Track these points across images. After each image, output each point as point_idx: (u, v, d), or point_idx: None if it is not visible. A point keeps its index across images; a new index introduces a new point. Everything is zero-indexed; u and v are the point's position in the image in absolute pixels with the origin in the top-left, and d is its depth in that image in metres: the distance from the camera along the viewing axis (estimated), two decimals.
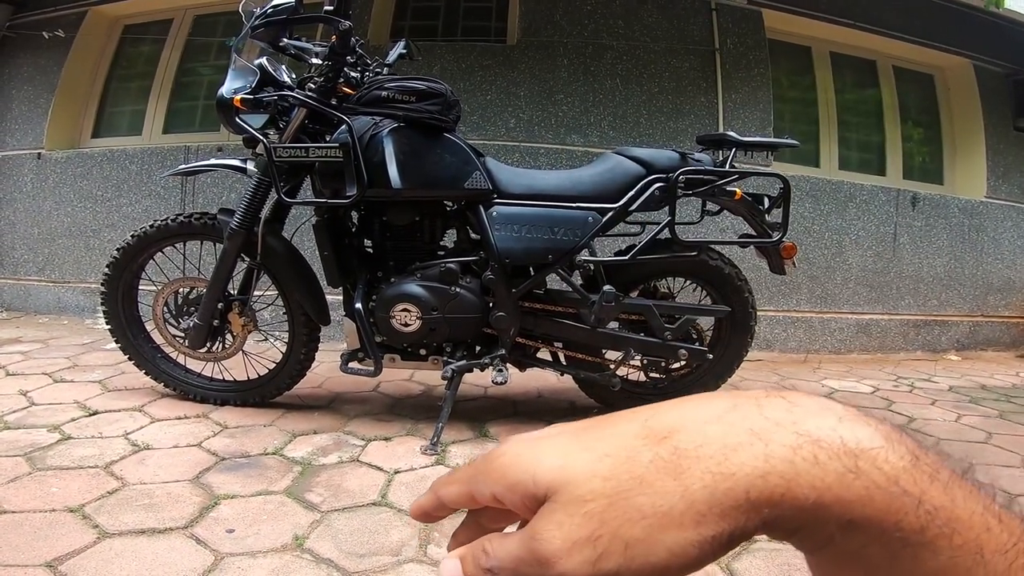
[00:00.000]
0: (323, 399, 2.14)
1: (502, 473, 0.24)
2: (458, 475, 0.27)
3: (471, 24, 3.52)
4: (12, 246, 3.49)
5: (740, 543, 0.22)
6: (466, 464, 0.27)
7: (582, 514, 0.21)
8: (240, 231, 1.83)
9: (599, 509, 0.21)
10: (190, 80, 3.61)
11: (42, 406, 1.90)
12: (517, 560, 0.22)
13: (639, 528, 0.21)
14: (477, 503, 0.26)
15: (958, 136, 3.80)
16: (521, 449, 0.25)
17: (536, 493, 0.23)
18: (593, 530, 0.21)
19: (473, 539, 0.25)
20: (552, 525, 0.22)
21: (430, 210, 1.86)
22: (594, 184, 1.81)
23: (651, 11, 3.30)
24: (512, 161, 2.93)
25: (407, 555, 1.21)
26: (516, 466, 0.24)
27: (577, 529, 0.21)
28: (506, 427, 1.91)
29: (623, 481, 0.22)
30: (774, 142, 1.94)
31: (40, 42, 3.44)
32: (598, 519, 0.21)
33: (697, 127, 3.18)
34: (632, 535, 0.21)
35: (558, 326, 1.87)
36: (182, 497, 1.39)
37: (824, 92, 3.66)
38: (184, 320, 1.94)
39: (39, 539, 1.19)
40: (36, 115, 3.50)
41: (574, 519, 0.21)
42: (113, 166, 3.31)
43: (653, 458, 0.22)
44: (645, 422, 0.23)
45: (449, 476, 0.28)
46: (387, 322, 1.79)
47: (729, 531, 0.21)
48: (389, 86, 1.72)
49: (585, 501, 0.22)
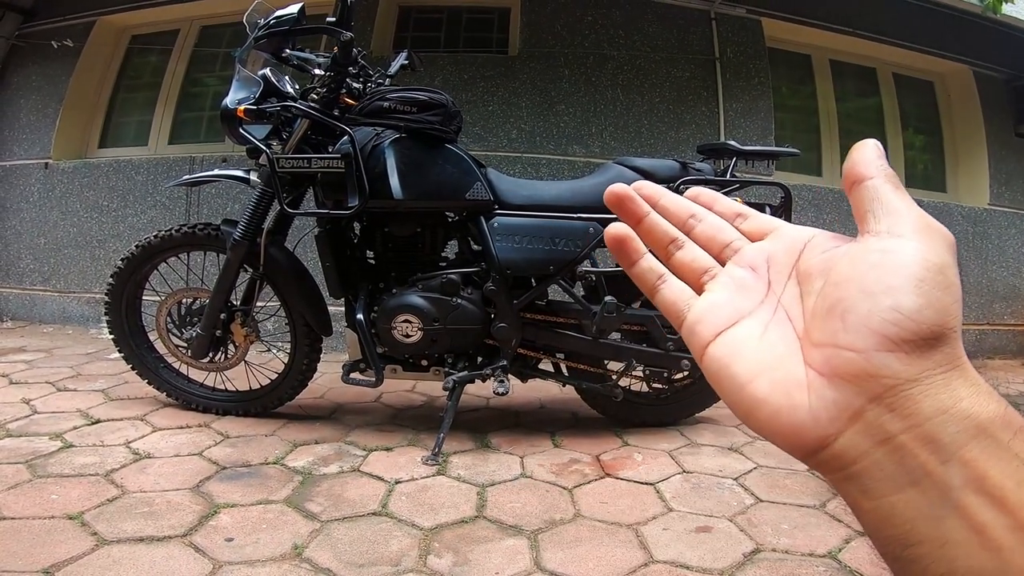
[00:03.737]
0: (325, 409, 2.14)
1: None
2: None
3: (473, 35, 3.55)
4: (18, 256, 3.51)
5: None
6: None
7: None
8: (243, 242, 1.84)
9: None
10: (196, 90, 3.65)
11: (44, 414, 1.91)
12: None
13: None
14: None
15: (959, 143, 3.79)
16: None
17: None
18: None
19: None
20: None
21: (432, 221, 1.87)
22: (595, 194, 1.81)
23: (651, 21, 3.33)
24: (514, 172, 2.95)
25: (406, 565, 1.21)
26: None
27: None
28: (508, 438, 1.90)
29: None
30: (775, 151, 1.94)
31: (48, 52, 3.48)
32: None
33: (698, 136, 3.19)
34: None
35: (560, 337, 1.87)
36: (182, 505, 1.39)
37: (825, 100, 3.66)
38: (187, 330, 1.95)
39: (37, 546, 1.19)
40: (44, 125, 3.54)
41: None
42: (119, 176, 3.34)
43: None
44: None
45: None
46: (389, 333, 1.79)
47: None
48: (391, 97, 1.74)
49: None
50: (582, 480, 1.62)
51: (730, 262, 0.29)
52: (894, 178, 0.24)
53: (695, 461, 1.76)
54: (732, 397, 0.25)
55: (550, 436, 1.93)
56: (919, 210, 0.23)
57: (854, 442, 0.22)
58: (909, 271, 0.22)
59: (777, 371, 0.24)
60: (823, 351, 0.23)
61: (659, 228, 0.31)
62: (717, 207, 0.31)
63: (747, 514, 1.45)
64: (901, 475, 0.21)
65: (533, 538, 1.33)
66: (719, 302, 0.27)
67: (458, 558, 1.24)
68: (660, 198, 0.31)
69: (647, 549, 1.29)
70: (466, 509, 1.44)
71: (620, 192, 0.30)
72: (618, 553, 1.27)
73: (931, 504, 0.20)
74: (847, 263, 0.23)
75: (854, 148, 0.25)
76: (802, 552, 1.29)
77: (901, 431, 0.21)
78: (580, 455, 1.79)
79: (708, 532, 1.37)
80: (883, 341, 0.21)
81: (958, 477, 0.20)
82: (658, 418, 2.04)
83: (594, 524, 1.40)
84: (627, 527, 1.38)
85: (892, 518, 0.21)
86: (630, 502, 1.51)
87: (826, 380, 0.22)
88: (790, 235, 0.28)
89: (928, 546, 0.20)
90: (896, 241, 0.23)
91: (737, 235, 0.30)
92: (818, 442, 0.22)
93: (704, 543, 1.32)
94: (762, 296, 0.27)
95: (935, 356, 0.21)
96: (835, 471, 0.22)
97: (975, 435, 0.20)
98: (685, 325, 0.28)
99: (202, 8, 3.57)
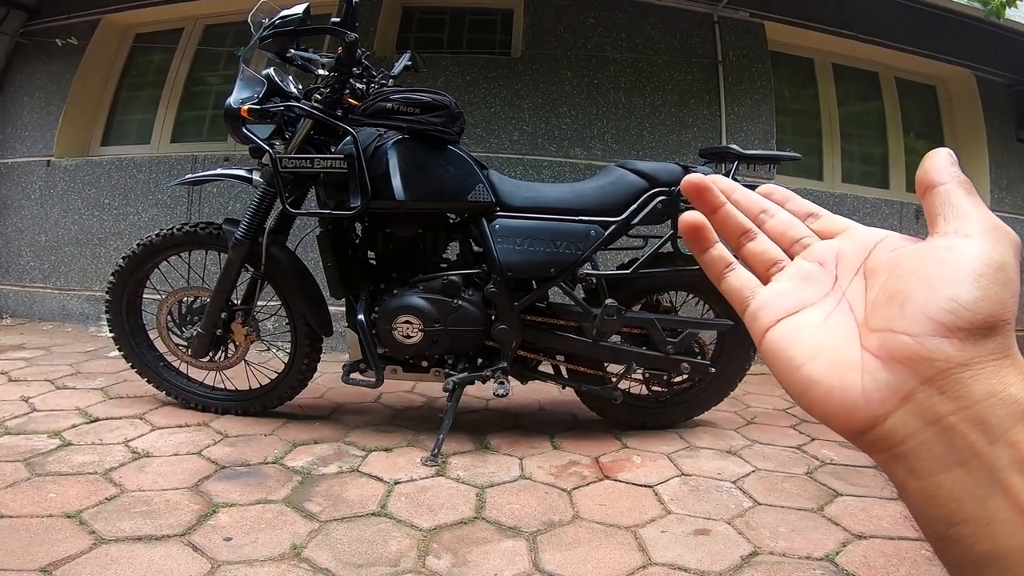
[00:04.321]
0: (324, 409, 2.14)
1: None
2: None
3: (476, 36, 3.56)
4: (19, 253, 3.51)
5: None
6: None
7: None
8: (244, 241, 1.84)
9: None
10: (199, 89, 3.65)
11: (43, 412, 1.91)
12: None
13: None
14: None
15: (961, 148, 3.79)
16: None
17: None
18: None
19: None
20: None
21: (433, 222, 1.87)
22: (597, 197, 1.82)
23: (654, 24, 3.33)
24: (515, 174, 2.95)
25: (405, 566, 1.21)
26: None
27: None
28: (507, 439, 1.90)
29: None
30: (776, 155, 1.94)
31: (52, 49, 3.48)
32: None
33: (700, 139, 3.19)
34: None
35: (560, 339, 1.87)
36: (180, 504, 1.39)
37: (827, 104, 3.67)
38: (187, 329, 1.95)
39: (35, 544, 1.19)
40: (47, 122, 3.54)
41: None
42: (121, 174, 3.34)
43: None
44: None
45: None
46: (389, 334, 1.79)
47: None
48: (394, 98, 1.74)
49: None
50: (581, 482, 1.62)
51: (799, 256, 0.30)
52: (967, 184, 0.25)
53: (694, 464, 1.76)
54: (787, 378, 0.26)
55: (549, 438, 1.93)
56: (988, 213, 0.24)
57: (904, 422, 0.22)
58: (970, 266, 0.22)
59: (834, 354, 0.25)
60: (880, 335, 0.24)
61: (733, 219, 0.31)
62: (790, 205, 0.32)
63: (745, 517, 1.46)
64: (949, 455, 0.21)
65: (532, 539, 1.33)
66: (784, 291, 0.29)
67: (457, 559, 1.24)
68: (733, 191, 0.32)
69: (645, 551, 1.29)
70: (465, 510, 1.44)
71: (698, 182, 0.31)
72: (616, 555, 1.28)
73: (977, 483, 0.21)
74: (913, 259, 0.24)
75: (927, 156, 0.26)
76: (799, 555, 1.30)
77: (951, 412, 0.21)
78: (579, 457, 1.79)
79: (706, 535, 1.37)
80: (939, 327, 0.22)
81: (1005, 457, 0.21)
82: (657, 421, 2.04)
83: (593, 526, 1.40)
84: (625, 529, 1.39)
85: (938, 497, 0.22)
86: (629, 504, 1.51)
87: (880, 362, 0.23)
88: (861, 235, 0.29)
89: (973, 525, 0.21)
90: (962, 240, 0.23)
91: (808, 232, 0.30)
92: (868, 422, 0.23)
93: (702, 545, 1.32)
94: (827, 289, 0.28)
95: (988, 344, 0.22)
96: (884, 451, 0.23)
97: (1022, 418, 0.21)
98: (748, 311, 0.29)
99: (206, 7, 3.58)
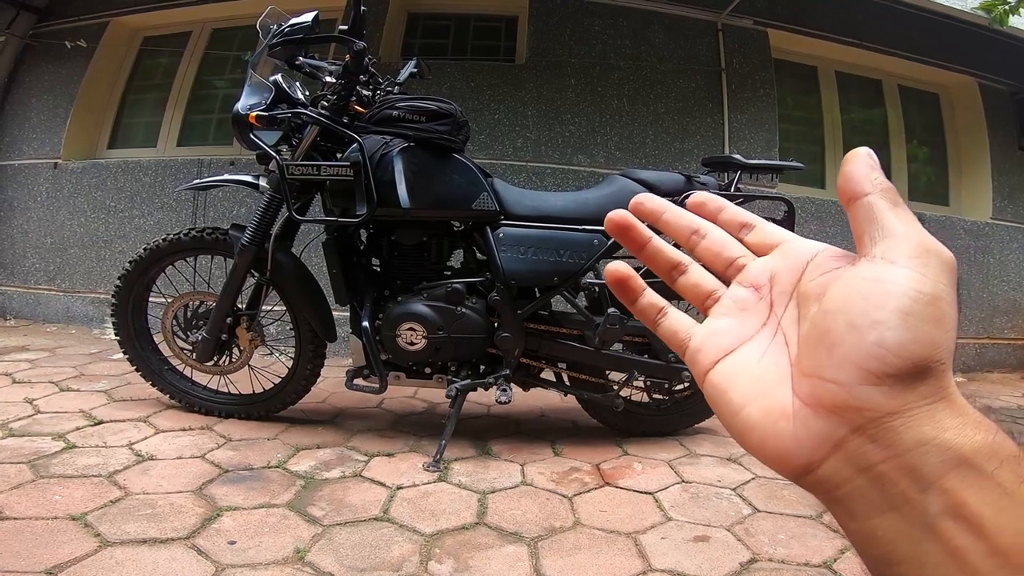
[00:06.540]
0: (327, 414, 2.15)
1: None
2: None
3: (481, 43, 3.58)
4: (24, 255, 3.54)
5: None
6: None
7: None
8: (251, 247, 1.85)
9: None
10: (206, 93, 3.68)
11: (47, 414, 1.93)
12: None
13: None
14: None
15: (963, 156, 3.80)
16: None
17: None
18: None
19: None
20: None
21: (438, 230, 1.88)
22: (600, 206, 1.83)
23: (658, 32, 3.35)
24: (519, 181, 2.96)
25: (408, 571, 1.22)
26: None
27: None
28: (509, 445, 1.91)
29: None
30: (779, 164, 1.95)
31: (61, 52, 3.51)
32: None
33: (703, 147, 3.20)
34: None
35: (562, 347, 1.88)
36: (184, 508, 1.40)
37: (830, 112, 3.68)
38: (193, 333, 1.97)
39: (40, 546, 1.20)
40: (54, 124, 3.56)
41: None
42: (127, 177, 3.36)
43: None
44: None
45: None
46: (393, 340, 1.80)
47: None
48: (400, 106, 1.75)
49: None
50: (582, 488, 1.63)
51: (734, 282, 0.29)
52: (891, 192, 0.24)
53: (694, 471, 1.77)
54: (727, 421, 0.26)
55: (551, 444, 1.94)
56: (917, 231, 0.23)
57: (837, 469, 0.23)
58: (897, 303, 0.21)
59: (767, 398, 0.25)
60: (809, 381, 0.23)
61: (662, 255, 0.31)
62: (723, 216, 0.31)
63: (744, 524, 1.46)
64: (882, 501, 0.22)
65: (533, 545, 1.34)
66: (719, 329, 0.28)
67: (458, 564, 1.25)
68: (663, 212, 0.31)
69: (645, 557, 1.30)
70: (467, 515, 1.45)
71: (620, 220, 0.31)
72: (617, 561, 1.28)
73: (911, 527, 0.21)
74: (839, 291, 0.24)
75: (845, 160, 0.25)
76: (798, 562, 1.30)
77: (882, 461, 0.22)
78: (580, 464, 1.80)
79: (706, 541, 1.38)
80: (866, 376, 0.22)
81: (936, 504, 0.21)
82: (658, 428, 2.05)
83: (593, 532, 1.41)
84: (626, 535, 1.39)
85: (875, 539, 0.22)
86: (629, 511, 1.51)
87: (811, 410, 0.23)
88: (794, 252, 0.28)
89: (908, 566, 0.21)
90: (888, 269, 0.22)
91: (742, 250, 0.30)
92: (803, 468, 0.23)
93: (702, 552, 1.33)
94: (763, 318, 0.27)
95: (920, 388, 0.21)
96: (822, 493, 0.24)
97: (956, 465, 0.21)
98: (687, 354, 0.29)
99: (214, 11, 3.60)
